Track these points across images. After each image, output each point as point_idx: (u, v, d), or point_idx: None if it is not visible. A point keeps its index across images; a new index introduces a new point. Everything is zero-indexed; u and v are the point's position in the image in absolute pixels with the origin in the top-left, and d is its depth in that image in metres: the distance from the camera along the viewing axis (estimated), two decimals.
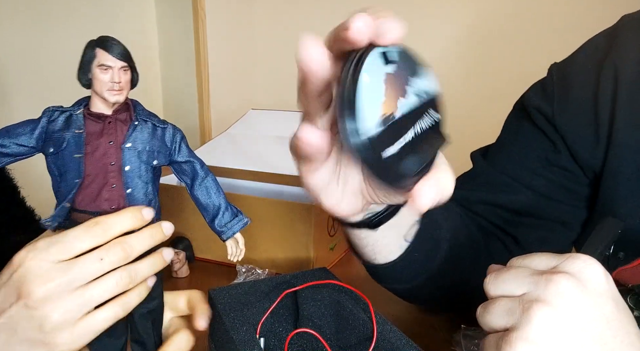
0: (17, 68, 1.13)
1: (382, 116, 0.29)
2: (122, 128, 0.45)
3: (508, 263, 0.40)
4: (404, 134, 0.31)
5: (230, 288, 0.55)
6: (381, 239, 0.51)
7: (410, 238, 0.53)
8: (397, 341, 0.46)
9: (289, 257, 0.77)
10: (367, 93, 0.28)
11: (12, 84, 1.14)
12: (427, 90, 0.33)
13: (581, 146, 0.59)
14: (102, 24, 1.36)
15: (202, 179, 0.49)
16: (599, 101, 0.56)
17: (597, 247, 0.40)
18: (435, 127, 0.34)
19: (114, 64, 0.43)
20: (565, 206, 0.62)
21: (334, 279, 0.56)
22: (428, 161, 0.33)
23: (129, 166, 0.44)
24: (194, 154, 0.49)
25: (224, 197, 0.50)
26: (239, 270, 0.75)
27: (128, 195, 0.44)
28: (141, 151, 0.45)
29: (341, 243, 0.85)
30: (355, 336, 0.51)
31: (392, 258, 0.54)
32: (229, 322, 0.49)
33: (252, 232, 0.78)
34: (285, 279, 0.56)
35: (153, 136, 0.46)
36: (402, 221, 0.50)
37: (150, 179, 0.46)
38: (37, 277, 0.37)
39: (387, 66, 0.30)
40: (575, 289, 0.34)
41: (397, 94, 0.30)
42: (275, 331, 0.55)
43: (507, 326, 0.36)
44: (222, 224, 0.50)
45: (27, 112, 0.47)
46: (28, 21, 1.16)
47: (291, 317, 0.56)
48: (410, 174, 0.32)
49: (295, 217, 0.75)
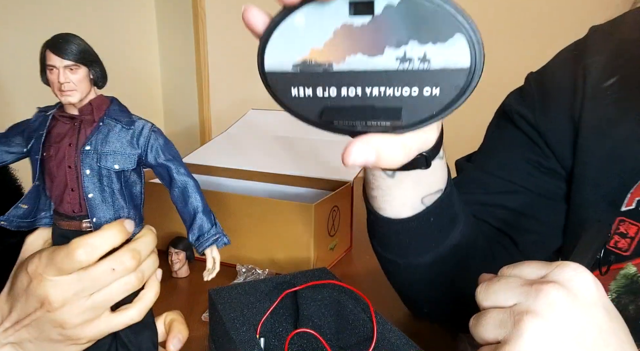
0: (19, 69, 1.13)
1: (302, 59, 0.31)
2: (87, 130, 0.42)
3: (499, 272, 0.40)
4: (335, 86, 0.31)
5: (230, 288, 0.55)
6: (395, 190, 0.49)
7: (429, 203, 0.50)
8: (397, 341, 0.46)
9: (289, 257, 0.77)
10: (290, 34, 0.30)
11: (14, 85, 1.15)
12: (431, 58, 0.29)
13: (563, 152, 0.60)
14: (102, 24, 1.36)
15: (178, 186, 0.45)
16: (575, 107, 0.58)
17: (586, 254, 0.40)
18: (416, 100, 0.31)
19: (59, 63, 0.40)
20: (561, 205, 0.62)
21: (334, 279, 0.56)
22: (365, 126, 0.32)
23: (89, 170, 0.42)
24: (172, 157, 0.44)
25: (201, 207, 0.45)
26: (239, 270, 0.75)
27: (89, 200, 0.42)
28: (103, 154, 0.42)
29: (341, 243, 0.85)
30: (355, 336, 0.51)
31: (404, 214, 0.50)
32: (229, 322, 0.49)
33: (252, 232, 0.78)
34: (285, 279, 0.56)
35: (120, 138, 0.42)
36: (424, 181, 0.49)
37: (117, 184, 0.42)
38: (56, 287, 0.39)
39: (354, 17, 0.29)
40: (566, 300, 0.34)
41: (356, 48, 0.30)
42: (275, 331, 0.55)
43: (499, 338, 0.36)
44: (193, 238, 0.46)
45: (31, 113, 0.47)
46: (28, 22, 1.16)
47: (291, 317, 0.56)
48: (324, 123, 0.33)
49: (295, 217, 0.75)
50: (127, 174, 0.43)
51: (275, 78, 0.32)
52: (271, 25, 0.31)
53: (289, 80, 0.32)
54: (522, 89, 0.64)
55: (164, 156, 0.44)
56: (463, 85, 0.30)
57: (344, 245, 0.87)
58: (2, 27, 1.12)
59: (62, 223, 0.44)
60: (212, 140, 1.04)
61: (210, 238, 0.46)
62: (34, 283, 0.40)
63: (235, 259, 0.79)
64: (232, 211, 0.78)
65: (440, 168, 0.49)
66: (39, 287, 0.40)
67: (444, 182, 0.51)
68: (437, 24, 0.29)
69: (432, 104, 0.31)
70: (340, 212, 0.82)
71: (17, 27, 1.15)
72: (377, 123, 0.32)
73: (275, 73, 0.32)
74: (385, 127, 0.32)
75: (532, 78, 0.64)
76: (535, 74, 0.64)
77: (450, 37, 0.29)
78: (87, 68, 0.41)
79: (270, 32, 0.31)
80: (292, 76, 0.32)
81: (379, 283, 0.76)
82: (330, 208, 0.79)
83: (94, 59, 0.41)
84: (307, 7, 0.29)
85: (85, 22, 1.30)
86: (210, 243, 0.46)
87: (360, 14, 0.29)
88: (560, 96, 0.60)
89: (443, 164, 0.49)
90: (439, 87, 0.30)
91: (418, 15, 0.29)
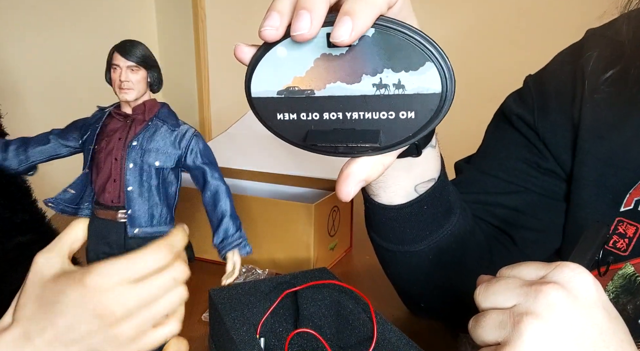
0: (28, 70, 1.14)
1: (286, 86, 0.33)
2: (137, 127, 0.46)
3: (497, 273, 0.40)
4: (317, 111, 0.34)
5: (231, 288, 0.55)
6: (389, 178, 0.50)
7: (422, 191, 0.51)
8: (397, 341, 0.46)
9: (289, 257, 0.77)
10: (274, 64, 0.32)
11: (25, 86, 1.15)
12: (405, 84, 0.31)
13: (562, 154, 0.60)
14: (102, 24, 1.36)
15: (210, 189, 0.48)
16: (574, 109, 0.58)
17: (585, 254, 0.40)
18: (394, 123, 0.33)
19: (122, 63, 0.45)
20: (562, 204, 0.62)
21: (334, 279, 0.56)
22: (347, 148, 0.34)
23: (132, 163, 0.45)
24: (209, 162, 0.48)
25: (229, 212, 0.48)
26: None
27: (128, 192, 0.45)
28: (147, 151, 0.45)
29: (341, 243, 0.85)
30: (355, 336, 0.51)
31: (398, 201, 0.52)
32: (229, 322, 0.49)
33: (252, 232, 0.78)
34: (285, 280, 0.57)
35: (164, 138, 0.46)
36: (417, 170, 0.50)
37: (155, 181, 0.46)
38: (119, 298, 0.40)
39: (332, 49, 0.31)
40: (566, 300, 0.34)
41: (335, 76, 0.32)
42: (275, 331, 0.55)
43: (498, 340, 0.35)
44: (218, 241, 0.49)
45: (42, 113, 0.49)
46: (33, 25, 1.17)
47: (291, 317, 0.56)
48: (308, 145, 0.35)
49: (295, 217, 0.75)
50: (166, 172, 0.46)
51: (261, 103, 0.34)
52: (256, 56, 0.33)
53: (274, 105, 0.34)
54: (520, 92, 0.65)
55: (201, 160, 0.47)
56: (436, 108, 0.32)
57: (344, 245, 0.87)
58: (4, 26, 1.13)
59: (100, 211, 0.47)
60: (212, 140, 1.04)
61: (233, 242, 0.48)
62: (90, 295, 0.39)
63: None
64: None
65: (433, 157, 0.51)
66: (98, 297, 0.39)
67: (437, 171, 0.52)
68: (408, 53, 0.31)
69: (408, 126, 0.33)
70: (340, 212, 0.82)
71: (17, 27, 1.15)
72: (357, 145, 0.34)
73: (262, 99, 0.34)
74: (365, 148, 0.34)
75: (530, 80, 0.64)
76: (534, 77, 0.64)
77: (421, 65, 0.31)
78: (147, 71, 0.46)
79: (256, 63, 0.33)
80: (277, 102, 0.34)
81: (379, 283, 0.76)
82: (330, 208, 0.79)
83: (153, 65, 0.46)
84: (289, 39, 0.31)
85: (85, 22, 1.30)
86: (233, 247, 0.48)
87: (337, 46, 0.30)
88: (560, 98, 0.60)
89: (436, 154, 0.51)
90: (413, 111, 0.32)
91: (391, 46, 0.31)
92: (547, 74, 0.63)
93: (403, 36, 0.30)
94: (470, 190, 0.64)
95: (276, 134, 0.36)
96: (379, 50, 0.31)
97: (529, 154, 0.63)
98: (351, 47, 0.31)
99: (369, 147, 0.34)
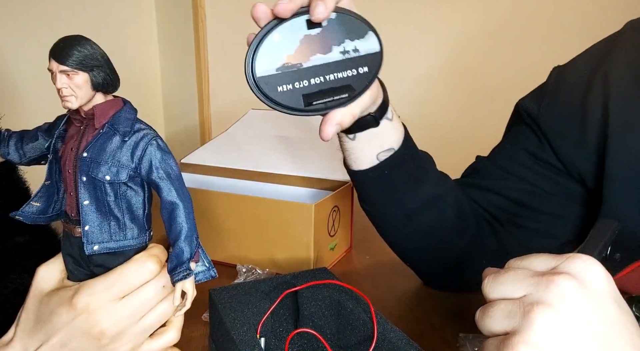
0: (28, 70, 1.14)
1: (283, 64, 0.44)
2: (89, 136, 0.41)
3: (506, 264, 0.40)
4: (306, 79, 0.45)
5: (231, 288, 0.55)
6: (356, 149, 0.60)
7: (383, 158, 0.60)
8: (398, 341, 0.46)
9: (289, 257, 0.77)
10: (271, 47, 0.44)
11: (25, 86, 1.15)
12: (359, 49, 0.46)
13: (565, 147, 0.61)
14: (102, 24, 1.36)
15: (165, 207, 0.42)
16: (588, 104, 0.59)
17: (596, 247, 0.40)
18: (357, 77, 0.47)
19: (55, 68, 0.39)
20: (556, 198, 0.64)
21: (334, 279, 0.56)
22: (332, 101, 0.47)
23: (85, 177, 0.40)
24: (166, 175, 0.41)
25: (184, 234, 0.41)
26: (239, 270, 0.75)
27: (83, 207, 0.41)
28: (97, 163, 0.40)
29: (341, 243, 0.85)
30: (355, 336, 0.51)
31: (364, 167, 0.61)
32: (230, 322, 0.49)
33: (252, 232, 0.78)
34: (285, 280, 0.57)
35: (116, 149, 0.41)
36: (378, 139, 0.59)
37: (111, 195, 0.41)
38: (108, 317, 0.40)
39: (310, 30, 0.45)
40: (577, 291, 0.34)
41: (315, 50, 0.45)
42: (275, 331, 0.55)
43: (507, 330, 0.35)
44: (170, 267, 0.42)
45: (41, 114, 0.47)
46: (33, 24, 1.17)
47: (291, 317, 0.56)
48: (308, 107, 0.46)
49: (295, 217, 0.75)
50: (118, 186, 0.41)
51: (264, 81, 0.45)
52: (255, 42, 0.44)
53: (274, 80, 0.45)
54: (543, 84, 0.67)
55: (156, 173, 0.41)
56: (379, 62, 0.47)
57: (344, 245, 0.87)
58: (3, 27, 1.12)
59: (64, 223, 0.44)
60: (212, 140, 1.04)
61: (181, 273, 0.41)
62: (82, 316, 0.40)
63: (235, 259, 0.79)
64: (232, 211, 0.78)
65: (390, 129, 0.59)
66: (89, 318, 0.40)
67: (397, 143, 0.60)
68: (357, 28, 0.46)
69: (365, 77, 0.47)
70: (340, 212, 0.82)
71: (17, 27, 1.15)
72: (339, 97, 0.47)
73: (265, 77, 0.45)
74: (345, 98, 0.47)
75: (554, 72, 0.66)
76: (560, 67, 0.66)
77: (365, 33, 0.46)
78: (87, 73, 0.39)
79: (255, 49, 0.44)
80: (276, 77, 0.45)
81: (379, 283, 0.76)
82: (330, 208, 0.79)
83: (97, 64, 0.39)
84: (280, 27, 0.44)
85: (85, 22, 1.30)
86: (180, 279, 0.41)
87: (314, 28, 0.45)
88: (573, 92, 0.61)
89: (393, 126, 0.59)
90: (367, 66, 0.47)
91: (346, 23, 0.45)
92: (572, 66, 0.64)
93: (352, 16, 0.46)
94: (472, 175, 0.72)
95: (279, 105, 0.46)
96: (340, 27, 0.45)
97: (529, 144, 0.66)
98: (323, 28, 0.45)
99: (348, 96, 0.47)
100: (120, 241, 0.42)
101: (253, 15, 0.44)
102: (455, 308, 0.69)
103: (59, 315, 0.40)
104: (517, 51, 1.49)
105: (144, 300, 0.42)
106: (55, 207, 0.44)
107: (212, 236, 0.80)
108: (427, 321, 0.65)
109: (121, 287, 0.41)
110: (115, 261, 0.43)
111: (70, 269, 0.44)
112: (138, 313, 0.42)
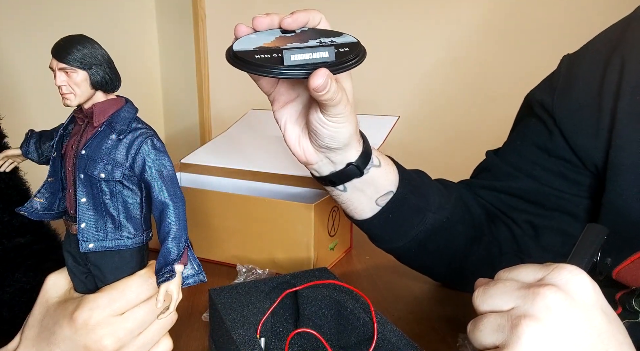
0: (28, 70, 1.14)
1: (260, 47, 0.47)
2: (88, 134, 0.41)
3: (495, 275, 0.40)
4: (281, 53, 0.46)
5: (231, 288, 0.55)
6: (352, 200, 0.60)
7: (383, 203, 0.60)
8: (398, 341, 0.46)
9: (289, 257, 0.77)
10: (249, 39, 0.48)
11: (25, 86, 1.15)
12: (336, 41, 0.48)
13: (581, 137, 0.59)
14: (102, 24, 1.36)
15: (156, 207, 0.41)
16: (603, 93, 0.56)
17: (584, 256, 0.40)
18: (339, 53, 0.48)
19: (55, 66, 0.39)
20: (568, 195, 0.63)
21: (334, 279, 0.56)
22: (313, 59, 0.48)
23: (82, 174, 0.41)
24: (159, 175, 0.41)
25: (172, 234, 0.40)
26: (239, 270, 0.75)
27: (81, 204, 0.41)
28: (94, 161, 0.41)
29: (341, 243, 0.85)
30: (355, 336, 0.51)
31: (366, 216, 0.61)
32: (230, 322, 0.49)
33: (252, 232, 0.78)
34: (285, 279, 0.57)
35: (112, 147, 0.41)
36: (372, 187, 0.58)
37: (107, 193, 0.41)
38: (109, 332, 0.40)
39: (285, 34, 0.49)
40: (564, 303, 0.34)
41: (292, 41, 0.48)
42: (275, 331, 0.55)
43: (496, 343, 0.35)
44: (156, 269, 0.41)
45: (42, 114, 0.47)
46: (33, 25, 1.17)
47: (292, 317, 0.56)
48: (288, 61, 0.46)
49: (295, 217, 0.75)
50: (114, 184, 0.41)
51: (242, 54, 0.46)
52: (236, 38, 0.49)
53: (252, 53, 0.46)
54: (552, 73, 0.65)
55: (149, 172, 0.41)
56: (360, 47, 0.49)
57: (344, 245, 0.87)
58: (3, 27, 1.12)
59: (65, 220, 0.45)
60: (212, 140, 1.04)
61: (166, 274, 0.40)
62: (83, 330, 0.40)
63: (235, 259, 0.79)
64: (232, 211, 0.78)
65: (381, 175, 0.59)
66: (90, 333, 0.40)
67: (393, 184, 0.60)
68: (331, 33, 0.49)
69: (347, 54, 0.48)
70: (341, 212, 0.82)
71: (17, 28, 1.15)
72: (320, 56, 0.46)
73: (241, 51, 0.46)
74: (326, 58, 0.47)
75: (565, 60, 0.64)
76: (570, 56, 0.64)
77: (341, 34, 0.50)
78: (86, 71, 0.40)
79: (235, 40, 0.48)
80: (254, 52, 0.47)
81: (379, 283, 0.76)
82: (330, 208, 0.79)
83: (96, 63, 0.40)
84: (257, 32, 0.49)
85: (86, 23, 1.30)
86: (164, 279, 0.39)
87: (287, 33, 0.49)
88: (587, 82, 0.59)
89: (384, 172, 0.59)
90: (347, 48, 0.48)
91: (320, 31, 0.49)
92: (583, 54, 0.62)
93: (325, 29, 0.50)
94: (482, 175, 0.71)
95: (258, 68, 0.45)
96: (314, 31, 0.49)
97: (540, 140, 0.64)
98: (296, 33, 0.49)
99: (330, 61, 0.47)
100: (115, 240, 0.42)
101: (235, 34, 0.49)
102: (455, 308, 0.69)
103: (62, 327, 0.41)
104: (527, 46, 1.49)
105: (145, 314, 0.42)
106: (61, 204, 0.45)
107: (212, 236, 0.80)
108: (427, 322, 0.65)
109: (123, 303, 0.42)
110: (110, 261, 0.43)
111: (70, 266, 0.45)
112: (139, 328, 0.42)
